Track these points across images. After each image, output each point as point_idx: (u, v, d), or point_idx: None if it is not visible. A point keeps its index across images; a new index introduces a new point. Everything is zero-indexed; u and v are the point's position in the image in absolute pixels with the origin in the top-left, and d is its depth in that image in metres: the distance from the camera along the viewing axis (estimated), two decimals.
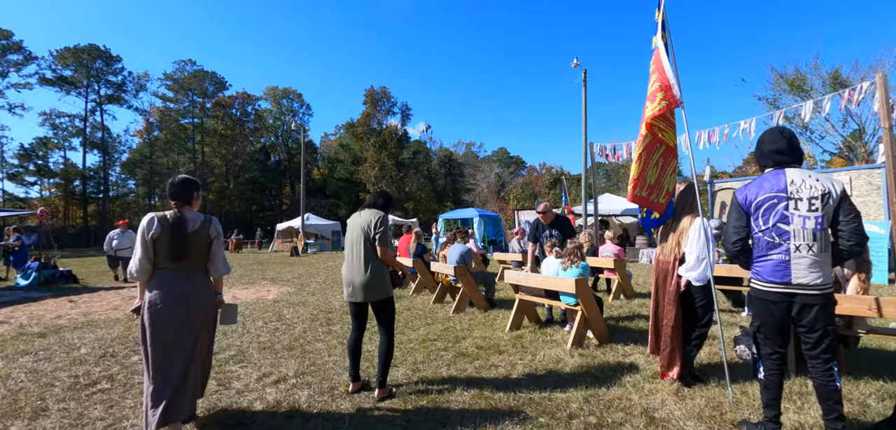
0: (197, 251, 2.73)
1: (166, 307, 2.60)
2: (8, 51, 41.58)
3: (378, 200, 3.56)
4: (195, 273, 2.75)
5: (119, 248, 11.29)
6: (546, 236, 5.93)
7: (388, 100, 51.79)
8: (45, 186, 45.21)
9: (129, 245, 10.93)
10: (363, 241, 3.36)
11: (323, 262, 17.03)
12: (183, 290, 2.66)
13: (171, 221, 2.69)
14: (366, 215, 3.44)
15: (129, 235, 11.37)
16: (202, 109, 52.24)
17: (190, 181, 2.87)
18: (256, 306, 7.35)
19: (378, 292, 3.36)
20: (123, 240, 11.38)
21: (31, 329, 5.73)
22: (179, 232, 2.69)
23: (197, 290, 2.72)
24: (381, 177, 45.47)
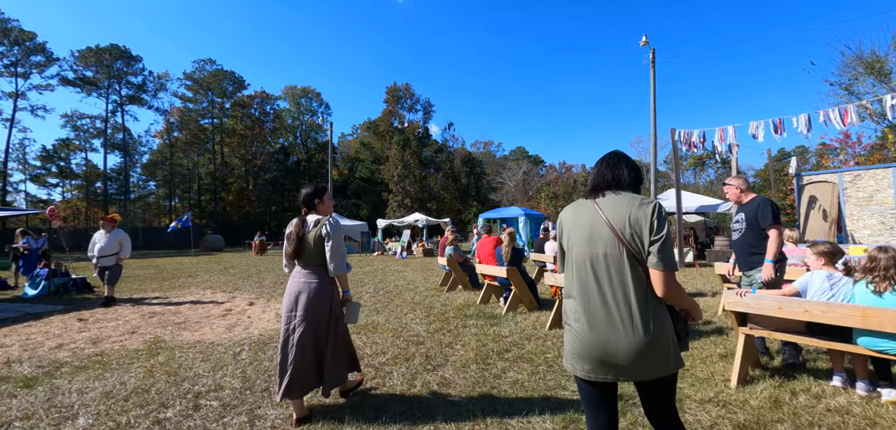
0: (313, 251, 2.97)
1: (286, 299, 3.04)
2: (31, 53, 41.28)
3: (622, 171, 1.79)
4: (316, 270, 2.99)
5: (102, 254, 7.89)
6: (736, 224, 4.13)
7: (410, 97, 50.33)
8: (67, 187, 44.90)
9: (115, 251, 8.00)
10: (625, 261, 1.63)
11: (358, 266, 15.42)
12: (299, 284, 2.98)
13: (295, 225, 3.06)
14: (617, 206, 1.68)
15: (116, 237, 8.05)
16: (221, 109, 51.54)
17: (309, 191, 3.15)
18: None
19: (662, 364, 1.63)
20: (109, 244, 7.96)
21: (19, 369, 4.16)
22: (299, 234, 3.02)
23: (312, 285, 2.96)
24: (404, 176, 43.94)
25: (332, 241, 2.95)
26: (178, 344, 4.99)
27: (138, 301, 8.33)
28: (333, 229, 2.99)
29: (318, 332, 2.96)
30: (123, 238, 8.15)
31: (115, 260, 7.98)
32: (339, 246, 2.98)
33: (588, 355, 1.67)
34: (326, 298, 2.97)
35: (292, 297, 2.97)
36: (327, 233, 2.96)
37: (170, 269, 15.47)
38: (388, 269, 14.18)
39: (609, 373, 1.65)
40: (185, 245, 30.73)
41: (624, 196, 1.70)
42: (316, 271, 2.97)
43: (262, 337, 5.19)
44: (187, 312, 7.11)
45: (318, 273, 2.97)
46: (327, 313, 2.98)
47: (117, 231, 8.22)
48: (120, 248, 8.07)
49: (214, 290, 9.68)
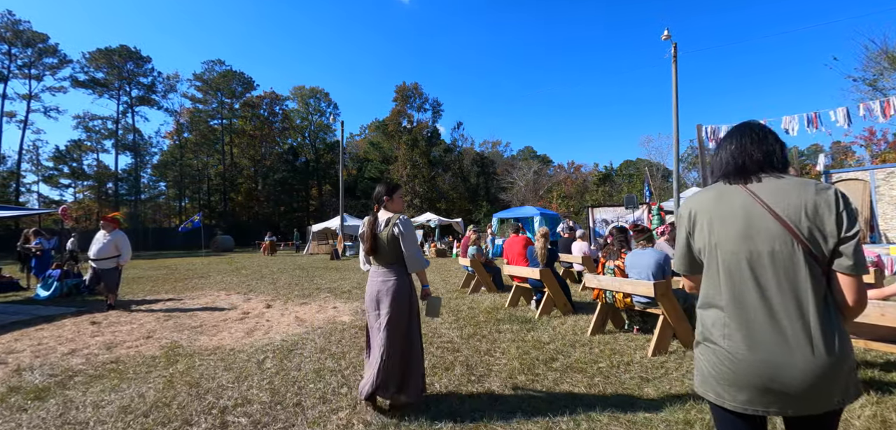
0: (387, 249, 2.98)
1: (367, 301, 3.11)
2: (44, 54, 41.59)
3: (773, 147, 1.41)
4: (393, 268, 3.01)
5: (98, 256, 7.27)
6: None
7: (419, 96, 50.00)
8: (79, 188, 45.17)
9: (113, 254, 7.36)
10: (801, 262, 1.25)
11: None
12: (377, 284, 3.02)
13: (369, 223, 3.10)
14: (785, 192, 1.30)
15: (113, 239, 7.38)
16: (231, 109, 51.62)
17: (381, 189, 3.19)
18: (333, 334, 5.37)
19: (839, 394, 1.25)
20: (105, 247, 7.30)
21: (31, 377, 3.87)
22: (372, 232, 3.06)
23: (389, 284, 2.96)
24: (414, 176, 43.66)
25: (406, 238, 2.97)
26: (197, 350, 4.69)
27: (152, 303, 8.07)
28: (405, 226, 3.00)
29: (401, 330, 2.98)
30: (122, 241, 7.51)
31: (115, 264, 7.37)
32: (413, 242, 3.00)
33: (745, 381, 1.30)
34: (405, 295, 2.98)
35: (372, 298, 3.05)
36: (400, 231, 2.97)
37: (182, 270, 15.27)
38: None
39: (774, 404, 1.28)
40: (196, 246, 30.68)
41: (790, 180, 1.33)
42: (393, 268, 3.00)
43: (285, 344, 4.88)
44: (203, 315, 6.82)
45: (396, 271, 3.00)
46: (408, 311, 3.00)
47: (116, 233, 7.51)
48: (117, 252, 7.41)
49: (229, 291, 9.41)
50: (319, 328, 5.63)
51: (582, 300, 7.06)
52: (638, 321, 5.06)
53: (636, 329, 5.10)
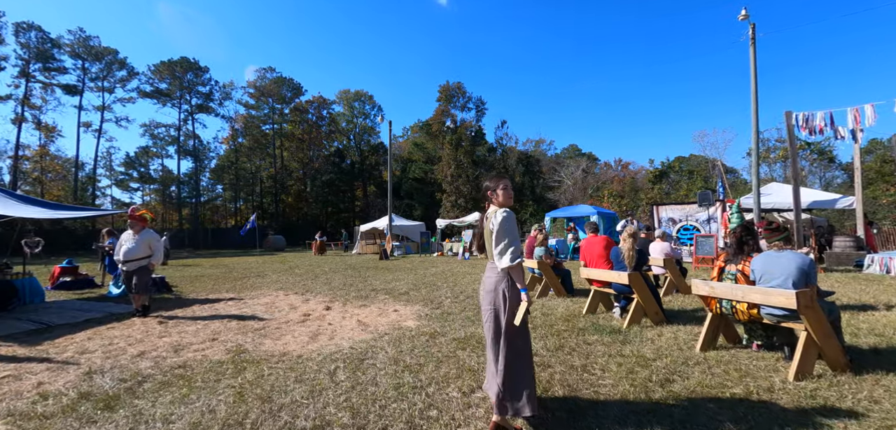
0: (489, 244, 2.87)
1: (480, 296, 2.99)
2: (114, 67, 44.89)
3: None
4: (492, 264, 2.87)
5: (128, 258, 6.60)
6: None
7: (462, 95, 49.60)
8: (146, 191, 48.34)
9: (145, 255, 6.69)
10: None
11: (423, 267, 14.77)
12: (484, 280, 2.94)
13: (479, 218, 3.09)
14: None
15: (144, 239, 6.73)
16: (281, 114, 53.53)
17: (487, 183, 2.99)
18: (402, 342, 4.94)
19: None
20: (137, 247, 6.64)
21: (101, 382, 3.70)
22: (479, 227, 3.05)
23: (488, 281, 2.86)
24: (458, 175, 43.24)
25: (497, 231, 2.73)
26: (263, 356, 4.40)
27: (214, 302, 8.06)
28: (502, 221, 2.74)
29: (496, 334, 2.79)
30: (153, 240, 6.85)
31: (147, 264, 6.68)
32: (505, 236, 2.72)
33: None
34: (497, 294, 2.77)
35: (483, 297, 2.94)
36: (493, 226, 2.77)
37: (239, 269, 15.62)
38: (455, 271, 13.39)
39: None
40: (250, 245, 31.83)
41: None
42: (493, 266, 2.85)
43: (354, 352, 4.50)
44: (265, 316, 6.65)
45: (493, 268, 2.84)
46: (499, 311, 2.77)
47: (147, 232, 6.83)
48: (150, 252, 6.75)
49: (287, 292, 9.31)
50: (386, 335, 5.23)
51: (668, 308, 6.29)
52: (761, 336, 4.26)
53: (756, 345, 4.31)
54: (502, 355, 2.69)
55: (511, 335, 2.73)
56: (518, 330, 2.74)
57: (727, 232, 12.68)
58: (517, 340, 2.75)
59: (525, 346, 2.80)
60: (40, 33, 40.55)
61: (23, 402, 3.31)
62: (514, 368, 2.70)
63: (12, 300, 7.58)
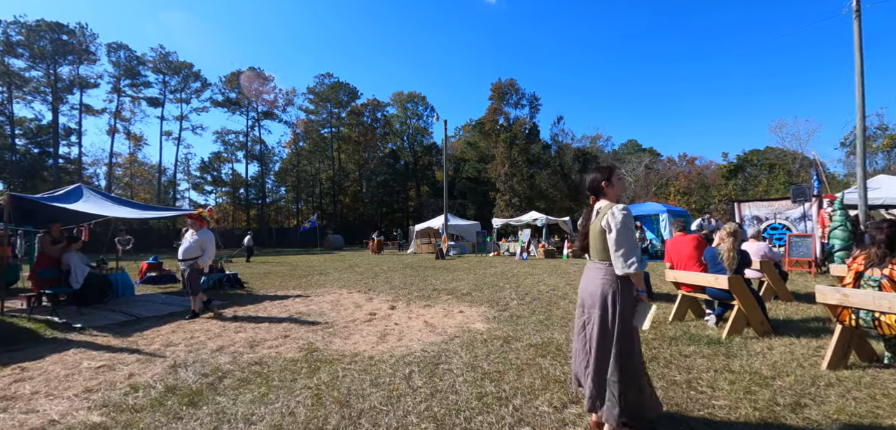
0: (596, 244, 2.58)
1: (578, 297, 2.73)
2: (191, 80, 48.76)
3: None
4: (600, 265, 2.57)
5: (185, 257, 6.57)
6: None
7: (515, 92, 48.67)
8: (219, 193, 52.04)
9: (196, 255, 6.56)
10: None
11: (481, 268, 14.46)
12: (585, 281, 2.66)
13: (584, 216, 2.75)
14: None
15: (199, 239, 6.61)
16: (338, 118, 55.51)
17: (594, 176, 2.71)
18: (475, 346, 4.67)
19: None
20: (192, 247, 6.57)
21: (185, 376, 3.76)
22: (584, 224, 2.73)
23: (594, 283, 2.57)
24: (512, 174, 42.49)
25: (616, 232, 2.41)
26: (335, 355, 4.32)
27: (283, 299, 8.27)
28: (624, 221, 2.44)
29: (601, 339, 2.51)
30: (207, 240, 6.64)
31: (197, 262, 6.54)
32: (625, 238, 2.40)
33: None
34: (608, 297, 2.49)
35: (580, 296, 2.72)
36: (607, 224, 2.47)
37: (302, 266, 16.19)
38: (516, 271, 12.96)
39: None
40: (311, 244, 33.21)
41: None
42: (600, 266, 2.57)
43: (426, 355, 4.30)
44: (331, 313, 6.67)
45: (603, 269, 2.54)
46: (611, 318, 2.48)
47: (203, 232, 6.67)
48: (201, 252, 6.58)
49: (350, 289, 9.40)
50: (456, 338, 4.99)
51: (771, 317, 5.53)
52: None
53: None
54: (616, 362, 2.44)
55: (626, 341, 2.45)
56: (633, 335, 2.48)
57: (825, 232, 11.22)
58: (632, 345, 2.48)
59: (639, 350, 2.55)
60: (128, 52, 44.92)
61: (116, 393, 3.41)
62: (629, 373, 2.44)
63: (108, 293, 8.21)
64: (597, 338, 2.49)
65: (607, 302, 2.48)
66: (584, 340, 2.63)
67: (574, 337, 2.75)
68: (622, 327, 2.45)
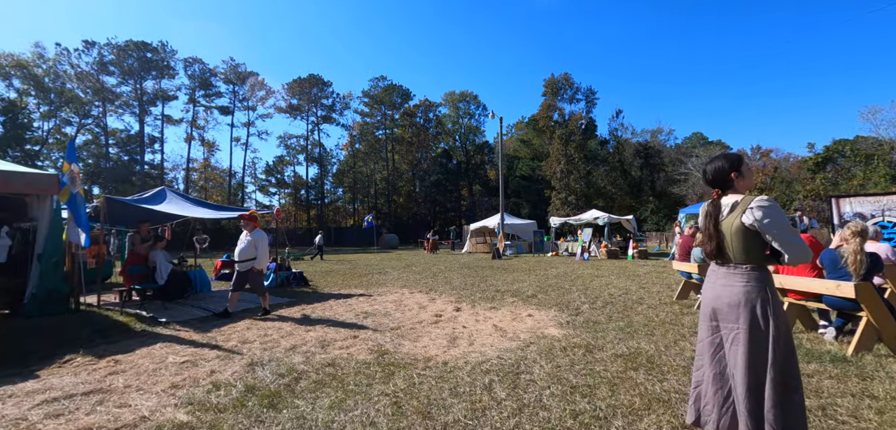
0: (735, 245, 2.14)
1: (704, 309, 2.32)
2: (257, 89, 51.84)
3: None
4: (741, 269, 2.15)
5: (240, 258, 6.57)
6: None
7: (569, 87, 47.08)
8: (282, 194, 54.95)
9: (252, 256, 6.51)
10: None
11: (541, 268, 13.93)
12: (718, 290, 2.23)
13: (708, 213, 2.29)
14: None
15: (253, 239, 6.54)
16: (392, 120, 56.64)
17: (720, 165, 2.31)
18: (553, 354, 4.32)
19: None
20: (247, 247, 6.54)
21: (262, 375, 3.76)
22: (714, 226, 2.25)
23: (735, 290, 2.13)
24: (568, 171, 41.07)
25: (778, 226, 2.04)
26: (407, 359, 4.16)
27: (347, 298, 8.33)
28: (773, 209, 2.07)
29: (753, 354, 2.08)
30: (260, 241, 6.56)
31: (251, 268, 6.50)
32: (788, 228, 2.03)
33: None
34: (758, 307, 2.10)
35: (708, 308, 2.29)
36: (757, 219, 2.07)
37: (361, 265, 16.49)
38: (579, 272, 12.33)
39: None
40: (367, 243, 34.07)
41: None
42: (741, 271, 2.16)
43: (503, 363, 4.02)
44: (397, 314, 6.58)
45: (746, 274, 2.15)
46: (765, 334, 2.08)
47: (256, 233, 6.59)
48: (256, 252, 6.52)
49: (411, 289, 9.33)
50: (532, 344, 4.67)
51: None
52: None
53: None
54: (777, 391, 2.01)
55: (789, 365, 2.04)
56: (791, 354, 2.07)
57: None
58: (796, 369, 2.07)
59: (798, 372, 2.12)
60: (202, 65, 48.61)
61: (199, 390, 3.45)
62: (795, 406, 2.02)
63: (188, 289, 8.69)
64: (746, 361, 2.06)
65: (758, 314, 2.07)
66: (719, 364, 2.20)
67: (704, 362, 2.29)
68: (784, 347, 2.03)
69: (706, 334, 2.31)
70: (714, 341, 2.27)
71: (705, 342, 2.31)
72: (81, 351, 4.59)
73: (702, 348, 2.32)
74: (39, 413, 3.05)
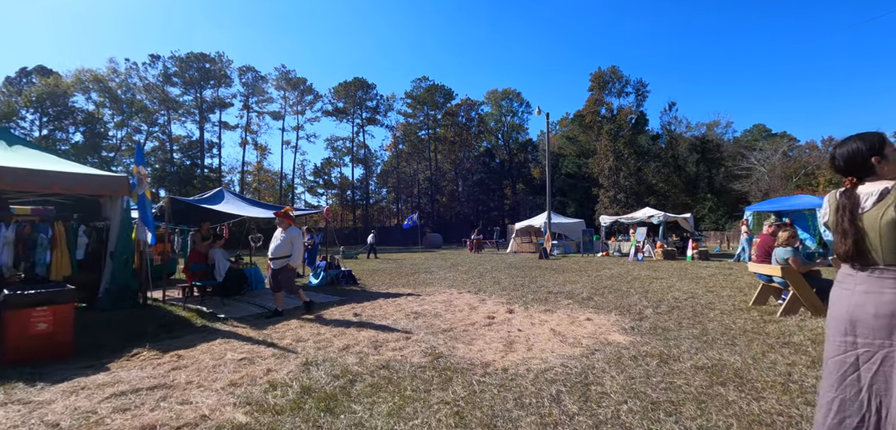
0: (885, 240, 1.74)
1: (835, 320, 1.90)
2: (305, 94, 53.76)
3: None
4: (889, 273, 1.74)
5: (275, 256, 6.48)
6: None
7: (618, 80, 45.16)
8: (329, 195, 56.70)
9: (286, 253, 6.42)
10: None
11: (593, 269, 13.30)
12: (856, 298, 1.83)
13: (843, 206, 1.88)
14: None
15: (288, 236, 6.46)
16: (434, 120, 56.88)
17: (857, 147, 1.90)
18: (622, 363, 3.95)
19: None
20: (283, 244, 6.47)
21: (317, 376, 3.68)
22: (851, 220, 1.83)
23: (885, 300, 1.73)
24: (617, 168, 39.40)
25: None
26: (464, 364, 3.95)
27: (396, 297, 8.26)
28: None
29: None
30: (295, 238, 6.50)
31: (286, 264, 6.42)
32: None
33: None
34: None
35: (845, 321, 1.86)
36: None
37: (407, 264, 16.52)
38: (635, 274, 11.63)
39: None
40: (411, 242, 34.28)
41: None
42: (886, 276, 1.75)
43: (568, 371, 3.71)
44: (447, 315, 6.39)
45: (891, 279, 1.74)
46: None
47: (291, 230, 6.50)
48: (291, 250, 6.43)
49: (460, 290, 9.13)
50: (597, 351, 4.31)
51: None
52: None
53: None
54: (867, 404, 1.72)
55: None
56: None
57: None
58: None
59: None
60: (255, 73, 51.06)
61: (257, 389, 3.41)
62: None
63: (244, 286, 8.97)
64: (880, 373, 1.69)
65: None
66: (853, 387, 1.81)
67: (831, 384, 1.91)
68: None
69: (837, 350, 1.90)
70: (846, 359, 1.87)
71: (835, 361, 1.91)
72: (147, 345, 4.74)
73: (831, 368, 1.93)
74: (108, 407, 3.11)
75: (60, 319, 4.42)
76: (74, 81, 42.86)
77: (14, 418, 2.95)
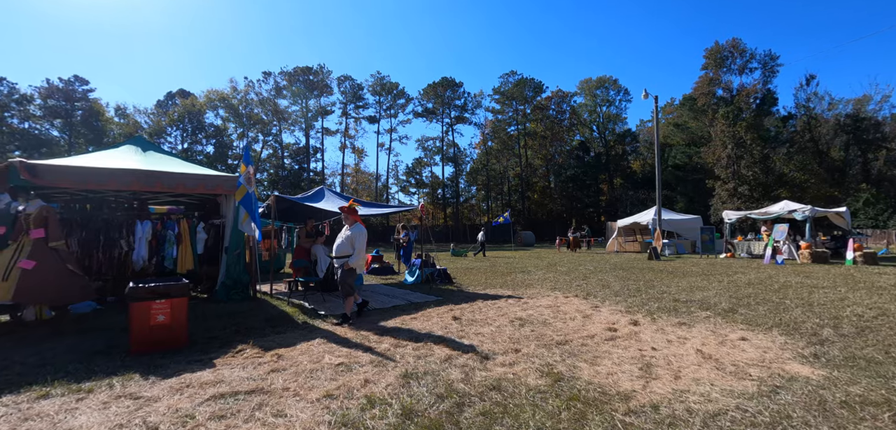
0: None
1: None
2: (397, 98, 55.79)
3: None
4: None
5: (337, 254, 5.90)
6: None
7: (739, 54, 39.41)
8: (421, 194, 58.24)
9: (348, 253, 5.74)
10: None
11: (721, 272, 11.32)
12: None
13: None
14: None
15: (350, 234, 5.77)
16: (524, 115, 55.27)
17: None
18: (830, 411, 2.83)
19: None
20: (344, 243, 5.83)
21: (418, 394, 3.17)
22: None
23: None
24: (737, 157, 34.35)
25: None
26: (596, 394, 3.15)
27: (494, 299, 7.61)
28: None
29: None
30: (357, 237, 5.78)
31: (344, 265, 5.73)
32: None
33: None
34: None
35: None
36: None
37: (501, 263, 15.80)
38: (781, 280, 9.56)
39: None
40: (502, 240, 33.48)
41: None
42: None
43: (747, 416, 2.73)
44: (557, 323, 5.57)
45: None
46: None
47: (357, 227, 5.83)
48: (353, 250, 5.73)
49: (565, 293, 8.19)
50: (780, 389, 3.20)
51: None
52: None
53: None
54: None
55: None
56: None
57: None
58: None
59: None
60: (352, 82, 54.26)
61: (353, 405, 3.01)
62: None
63: None
64: None
65: None
66: None
67: None
68: None
69: None
70: None
71: None
72: (251, 342, 4.70)
73: None
74: (206, 412, 2.91)
75: (177, 311, 4.53)
76: (206, 100, 49.54)
77: (121, 416, 2.87)
